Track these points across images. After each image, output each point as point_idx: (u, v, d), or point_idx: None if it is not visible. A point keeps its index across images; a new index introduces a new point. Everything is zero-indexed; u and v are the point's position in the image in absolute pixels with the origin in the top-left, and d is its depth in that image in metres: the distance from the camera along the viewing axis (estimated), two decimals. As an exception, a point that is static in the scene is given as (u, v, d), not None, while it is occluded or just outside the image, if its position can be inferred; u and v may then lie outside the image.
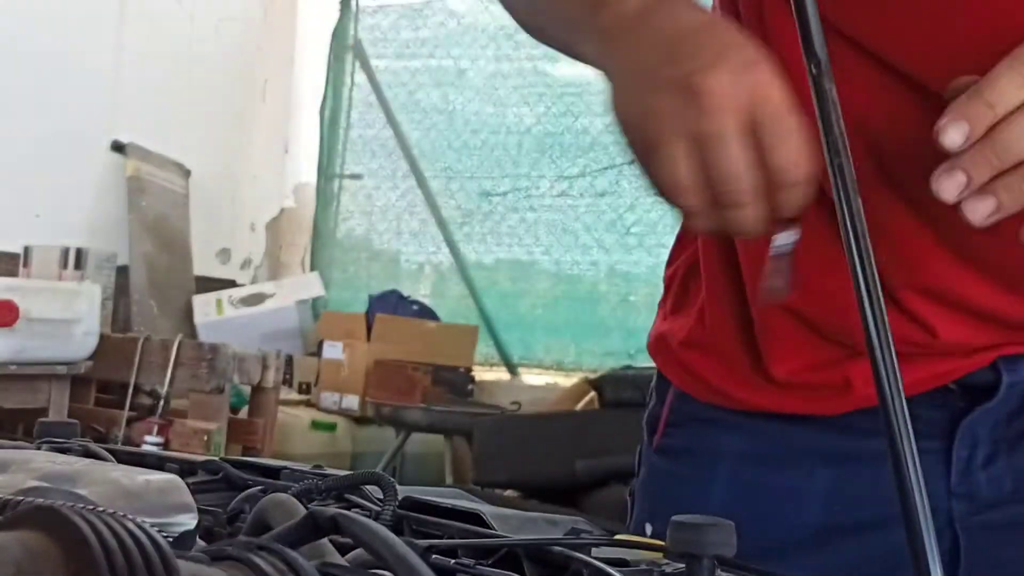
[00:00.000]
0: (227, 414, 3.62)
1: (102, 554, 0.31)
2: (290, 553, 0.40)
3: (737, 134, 0.56)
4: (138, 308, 4.40)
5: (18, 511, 0.33)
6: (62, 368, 3.53)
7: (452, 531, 0.71)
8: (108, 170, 4.60)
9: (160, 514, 0.61)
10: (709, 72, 0.56)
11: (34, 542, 0.32)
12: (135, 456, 0.86)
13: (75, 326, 3.54)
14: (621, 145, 0.64)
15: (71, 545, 0.32)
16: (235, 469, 0.81)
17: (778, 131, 0.56)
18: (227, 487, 0.80)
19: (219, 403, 3.55)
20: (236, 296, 4.69)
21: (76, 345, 3.56)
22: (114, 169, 4.61)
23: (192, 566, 0.37)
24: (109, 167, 4.60)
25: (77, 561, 0.31)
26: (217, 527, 0.71)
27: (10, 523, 0.33)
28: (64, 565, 0.31)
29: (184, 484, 0.65)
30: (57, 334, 3.49)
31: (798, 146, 0.56)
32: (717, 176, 0.57)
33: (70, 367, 3.55)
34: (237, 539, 0.40)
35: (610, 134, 4.88)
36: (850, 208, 0.51)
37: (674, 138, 0.58)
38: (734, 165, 0.56)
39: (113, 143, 4.60)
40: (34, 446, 0.80)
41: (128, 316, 4.38)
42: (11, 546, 0.31)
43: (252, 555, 0.39)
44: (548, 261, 4.83)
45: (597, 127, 4.69)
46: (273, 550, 0.40)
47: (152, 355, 3.60)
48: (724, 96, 0.56)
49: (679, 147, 0.58)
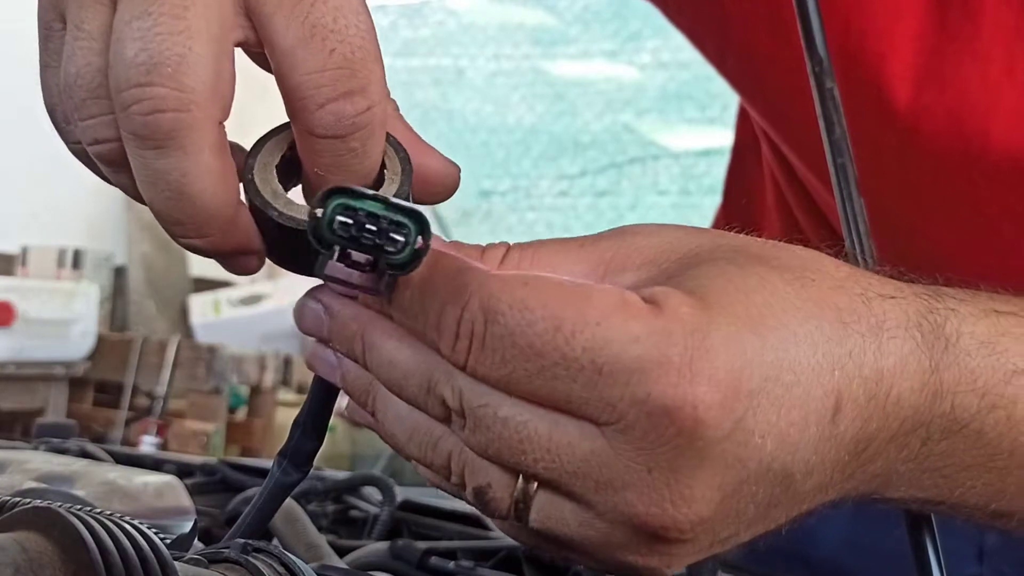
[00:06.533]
0: (225, 415, 3.62)
1: (99, 556, 0.31)
2: (287, 555, 0.40)
3: None
4: (136, 308, 4.40)
5: (16, 512, 0.33)
6: (60, 368, 3.53)
7: (451, 533, 0.71)
8: (106, 170, 4.60)
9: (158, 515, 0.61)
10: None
11: (32, 543, 0.31)
12: (133, 457, 0.86)
13: (72, 326, 3.54)
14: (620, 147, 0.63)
15: (68, 546, 0.32)
16: (233, 470, 0.81)
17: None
18: (225, 488, 0.80)
19: (217, 404, 3.56)
20: (234, 296, 4.68)
21: (73, 345, 3.56)
22: (112, 169, 4.60)
23: (189, 568, 0.37)
24: (107, 167, 4.60)
25: (75, 563, 0.31)
26: (215, 528, 0.71)
27: (8, 524, 0.32)
28: (62, 566, 0.31)
29: (182, 485, 0.65)
30: (54, 334, 3.49)
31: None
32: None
33: (68, 367, 3.55)
34: (235, 541, 0.40)
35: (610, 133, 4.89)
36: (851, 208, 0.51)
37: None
38: None
39: (111, 143, 4.60)
40: (32, 447, 0.80)
41: (126, 316, 4.38)
42: (9, 547, 0.31)
43: (250, 557, 0.39)
44: (547, 261, 4.83)
45: (597, 126, 4.69)
46: (271, 552, 0.40)
47: (150, 355, 3.61)
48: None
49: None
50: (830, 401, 0.36)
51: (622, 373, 0.34)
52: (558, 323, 0.34)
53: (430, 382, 0.37)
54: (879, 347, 0.37)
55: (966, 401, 0.39)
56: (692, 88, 4.46)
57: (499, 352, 0.35)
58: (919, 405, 0.38)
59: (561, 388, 0.35)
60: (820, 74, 0.52)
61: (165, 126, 0.39)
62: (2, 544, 0.31)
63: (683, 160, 4.62)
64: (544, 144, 4.89)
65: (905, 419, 0.38)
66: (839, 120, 0.52)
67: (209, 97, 0.40)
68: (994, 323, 0.40)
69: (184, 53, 0.39)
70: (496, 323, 0.35)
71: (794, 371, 0.35)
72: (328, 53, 0.40)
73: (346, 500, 0.78)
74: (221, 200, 0.41)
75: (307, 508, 0.70)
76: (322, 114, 0.40)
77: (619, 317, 0.34)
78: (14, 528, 0.32)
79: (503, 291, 0.35)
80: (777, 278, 0.37)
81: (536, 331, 0.34)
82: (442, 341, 0.36)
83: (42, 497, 0.52)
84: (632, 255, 0.40)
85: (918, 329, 0.38)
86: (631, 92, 4.71)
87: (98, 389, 3.77)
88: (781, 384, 0.35)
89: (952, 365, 0.39)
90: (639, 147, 4.71)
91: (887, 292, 0.39)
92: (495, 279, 0.36)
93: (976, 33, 0.61)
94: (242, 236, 0.43)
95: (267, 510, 0.45)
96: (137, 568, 0.32)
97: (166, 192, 0.40)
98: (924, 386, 0.38)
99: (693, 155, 4.58)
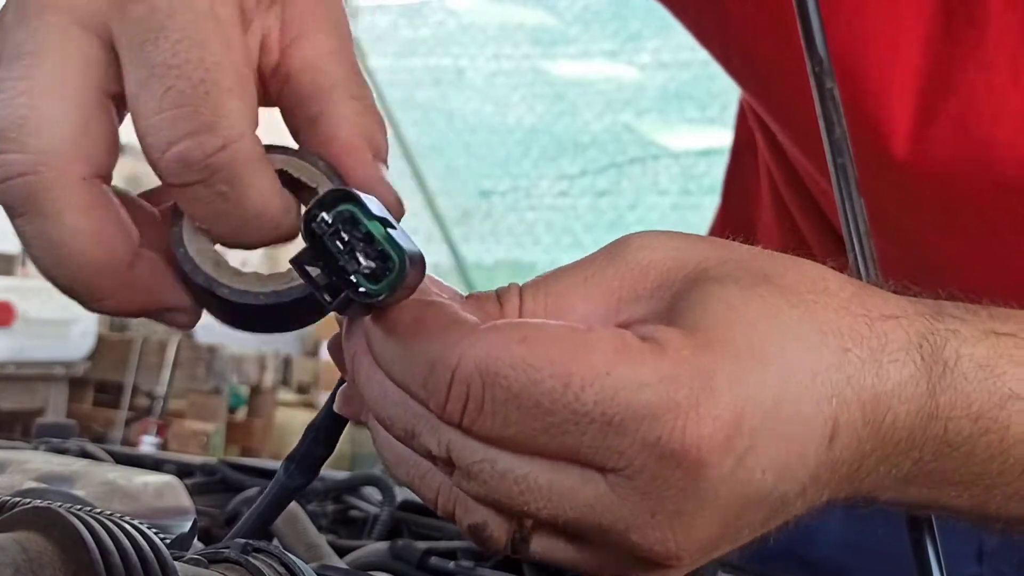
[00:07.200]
0: (225, 415, 3.62)
1: (99, 556, 0.31)
2: (288, 555, 0.40)
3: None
4: (136, 308, 4.39)
5: (16, 512, 0.33)
6: (60, 368, 3.53)
7: (451, 533, 0.71)
8: (106, 170, 4.60)
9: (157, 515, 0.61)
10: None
11: (32, 543, 0.31)
12: (133, 457, 0.86)
13: (72, 326, 3.54)
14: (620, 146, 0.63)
15: (68, 546, 0.32)
16: (233, 470, 0.81)
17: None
18: (225, 488, 0.80)
19: (217, 404, 3.56)
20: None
21: (73, 345, 3.57)
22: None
23: (189, 568, 0.37)
24: (107, 167, 4.60)
25: (75, 562, 0.31)
26: (215, 528, 0.70)
27: (8, 524, 0.32)
28: (62, 566, 0.31)
29: (182, 485, 0.65)
30: (54, 334, 3.49)
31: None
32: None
33: (68, 367, 3.55)
34: (235, 541, 0.40)
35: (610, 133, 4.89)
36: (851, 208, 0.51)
37: None
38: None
39: (111, 143, 4.60)
40: (32, 447, 0.80)
41: (126, 316, 4.38)
42: (9, 547, 0.31)
43: (250, 557, 0.39)
44: (547, 261, 4.83)
45: (597, 126, 4.69)
46: (271, 552, 0.40)
47: (150, 355, 3.61)
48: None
49: None
50: (828, 428, 0.36)
51: (632, 420, 0.33)
52: (566, 380, 0.33)
53: (414, 431, 0.36)
54: (879, 371, 0.37)
55: (960, 425, 0.39)
56: (692, 88, 4.46)
57: (501, 415, 0.34)
58: (914, 427, 0.38)
59: (570, 442, 0.34)
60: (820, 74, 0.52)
61: (17, 191, 0.37)
62: (2, 544, 0.31)
63: (683, 160, 4.62)
64: (544, 144, 4.89)
65: (900, 441, 0.38)
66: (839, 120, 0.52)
67: (66, 155, 0.37)
68: (993, 345, 0.40)
69: (26, 115, 0.37)
70: (497, 386, 0.33)
71: (794, 403, 0.35)
72: (163, 92, 0.36)
73: (346, 500, 0.78)
74: (100, 261, 0.38)
75: (307, 508, 0.70)
76: (167, 161, 0.37)
77: (625, 364, 0.34)
78: (14, 528, 0.32)
79: (501, 351, 0.34)
80: (782, 302, 0.37)
81: (543, 390, 0.33)
82: (431, 400, 0.34)
83: (42, 497, 0.52)
84: (640, 280, 0.38)
85: (918, 351, 0.38)
86: (631, 92, 4.71)
87: (98, 389, 3.78)
88: (782, 419, 0.35)
89: (949, 389, 0.39)
90: (639, 147, 4.71)
91: (890, 312, 0.39)
92: (489, 337, 0.34)
93: (981, 39, 0.61)
94: (147, 296, 0.40)
95: (269, 513, 0.45)
96: (137, 568, 0.32)
97: (42, 258, 0.38)
98: (920, 409, 0.38)
99: (693, 155, 4.58)
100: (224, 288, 0.38)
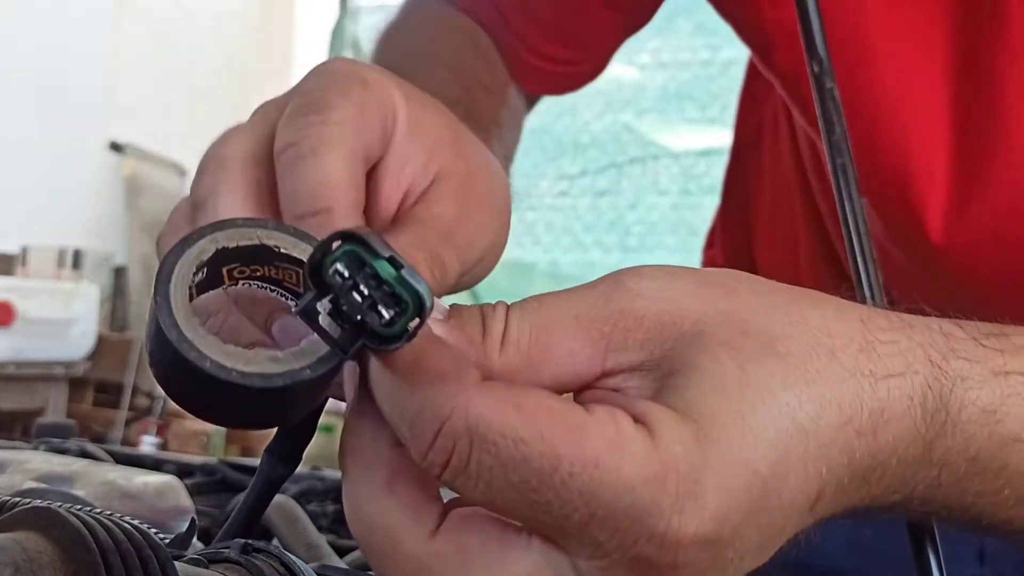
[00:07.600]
0: (225, 414, 3.62)
1: (99, 556, 0.31)
2: (288, 555, 0.40)
3: None
4: (136, 308, 4.40)
5: (16, 512, 0.33)
6: (60, 368, 3.53)
7: (451, 532, 0.70)
8: (106, 170, 4.60)
9: (157, 515, 0.61)
10: None
11: (32, 543, 0.31)
12: (133, 457, 0.86)
13: (72, 326, 3.54)
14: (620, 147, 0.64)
15: (68, 546, 0.32)
16: (233, 470, 0.81)
17: None
18: (224, 488, 0.80)
19: (217, 403, 3.56)
20: (234, 296, 4.69)
21: (73, 345, 3.57)
22: (112, 169, 4.61)
23: (189, 568, 0.37)
24: (107, 167, 4.60)
25: (74, 562, 0.31)
26: (215, 528, 0.70)
27: (8, 524, 0.32)
28: (61, 566, 0.31)
29: (182, 485, 0.65)
30: (54, 334, 3.49)
31: None
32: None
33: (68, 367, 3.55)
34: (235, 541, 0.40)
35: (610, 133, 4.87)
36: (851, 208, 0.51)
37: None
38: None
39: (111, 143, 4.60)
40: (32, 447, 0.80)
41: (125, 316, 4.38)
42: (9, 547, 0.31)
43: (250, 557, 0.39)
44: (547, 261, 4.83)
45: (597, 126, 4.69)
46: (271, 552, 0.40)
47: (150, 355, 3.61)
48: None
49: None
50: (811, 500, 0.36)
51: (612, 519, 0.33)
52: (556, 463, 0.33)
53: (390, 477, 0.35)
54: (875, 436, 0.37)
55: (955, 467, 0.39)
56: (692, 88, 4.46)
57: (484, 480, 0.33)
58: (906, 476, 0.38)
59: (548, 522, 0.34)
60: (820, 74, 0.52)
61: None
62: (2, 544, 0.31)
63: (683, 160, 4.62)
64: (544, 144, 4.88)
65: (888, 487, 0.38)
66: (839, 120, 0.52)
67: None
68: (1000, 385, 0.40)
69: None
70: (486, 452, 0.33)
71: (781, 494, 0.35)
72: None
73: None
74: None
75: (307, 508, 0.70)
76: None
77: (615, 459, 0.33)
78: (14, 528, 0.32)
79: (494, 416, 0.33)
80: (778, 385, 0.36)
81: (532, 468, 0.33)
82: (413, 444, 0.34)
83: (42, 497, 0.51)
84: (633, 330, 0.37)
85: (921, 406, 0.38)
86: (631, 92, 4.71)
87: (98, 389, 3.78)
88: (768, 509, 0.35)
89: (948, 435, 0.39)
90: (639, 147, 4.71)
91: (896, 369, 0.38)
92: (484, 399, 0.33)
93: (1006, 131, 0.63)
94: None
95: (258, 506, 0.45)
96: (137, 568, 0.32)
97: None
98: (915, 459, 0.38)
99: (693, 155, 4.57)
100: (234, 372, 0.34)
